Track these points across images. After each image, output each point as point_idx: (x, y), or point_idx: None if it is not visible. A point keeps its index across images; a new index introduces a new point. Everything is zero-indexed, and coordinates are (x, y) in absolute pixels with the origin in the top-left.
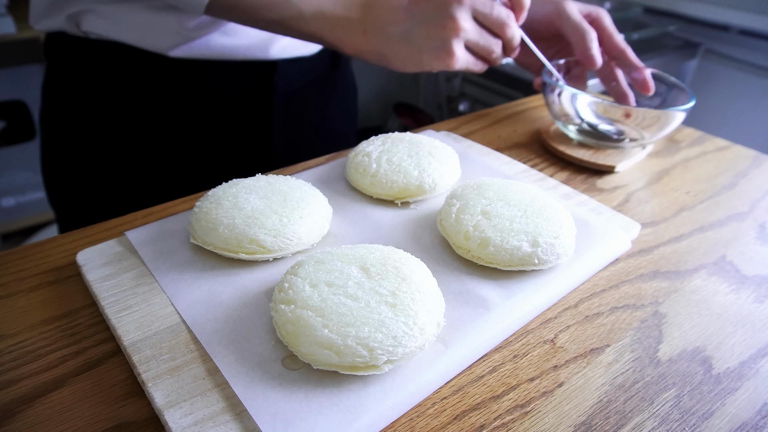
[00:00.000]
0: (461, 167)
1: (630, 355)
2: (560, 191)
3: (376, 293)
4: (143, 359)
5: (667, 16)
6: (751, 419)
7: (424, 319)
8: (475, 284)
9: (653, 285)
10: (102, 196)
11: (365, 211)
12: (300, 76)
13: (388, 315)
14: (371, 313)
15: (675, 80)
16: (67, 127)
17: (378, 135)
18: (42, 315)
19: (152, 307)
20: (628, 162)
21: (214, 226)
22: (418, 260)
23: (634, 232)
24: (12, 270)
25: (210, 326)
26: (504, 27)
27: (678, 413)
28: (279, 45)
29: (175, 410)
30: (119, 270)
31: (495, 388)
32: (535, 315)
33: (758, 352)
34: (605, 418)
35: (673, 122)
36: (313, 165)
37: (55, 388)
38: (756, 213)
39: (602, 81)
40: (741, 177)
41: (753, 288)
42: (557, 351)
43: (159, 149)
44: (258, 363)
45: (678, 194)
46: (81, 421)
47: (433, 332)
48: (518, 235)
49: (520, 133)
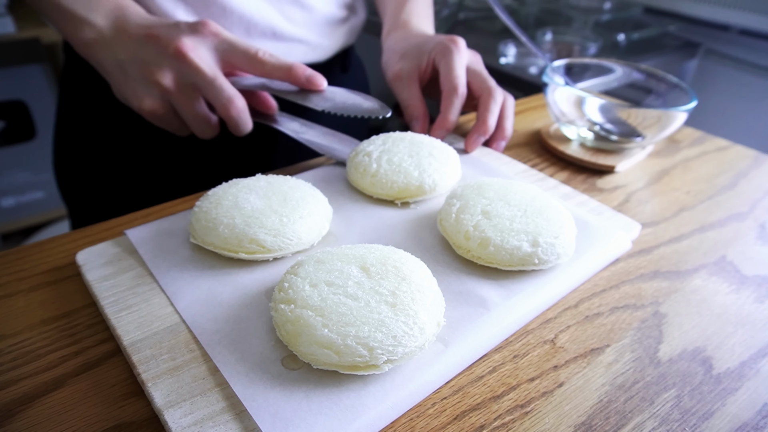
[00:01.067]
0: (461, 167)
1: (630, 355)
2: (560, 191)
3: (376, 293)
4: (143, 359)
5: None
6: (751, 419)
7: (424, 318)
8: (475, 284)
9: (653, 285)
10: (110, 192)
11: (365, 211)
12: None
13: (388, 315)
14: (371, 312)
15: (676, 80)
16: (80, 123)
17: (379, 135)
18: (42, 315)
19: (152, 306)
20: (628, 162)
21: (214, 225)
22: (418, 260)
23: (635, 232)
24: (12, 270)
25: (210, 326)
26: (227, 107)
27: (678, 413)
28: (282, 51)
29: (174, 410)
30: (119, 270)
31: (495, 388)
32: (536, 315)
33: (758, 352)
34: (605, 418)
35: (675, 122)
36: (314, 165)
37: (55, 388)
38: (756, 213)
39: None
40: (741, 177)
41: (753, 288)
42: (557, 351)
43: (161, 148)
44: (258, 363)
45: (678, 194)
46: (81, 421)
47: (433, 332)
48: (518, 235)
49: (520, 133)
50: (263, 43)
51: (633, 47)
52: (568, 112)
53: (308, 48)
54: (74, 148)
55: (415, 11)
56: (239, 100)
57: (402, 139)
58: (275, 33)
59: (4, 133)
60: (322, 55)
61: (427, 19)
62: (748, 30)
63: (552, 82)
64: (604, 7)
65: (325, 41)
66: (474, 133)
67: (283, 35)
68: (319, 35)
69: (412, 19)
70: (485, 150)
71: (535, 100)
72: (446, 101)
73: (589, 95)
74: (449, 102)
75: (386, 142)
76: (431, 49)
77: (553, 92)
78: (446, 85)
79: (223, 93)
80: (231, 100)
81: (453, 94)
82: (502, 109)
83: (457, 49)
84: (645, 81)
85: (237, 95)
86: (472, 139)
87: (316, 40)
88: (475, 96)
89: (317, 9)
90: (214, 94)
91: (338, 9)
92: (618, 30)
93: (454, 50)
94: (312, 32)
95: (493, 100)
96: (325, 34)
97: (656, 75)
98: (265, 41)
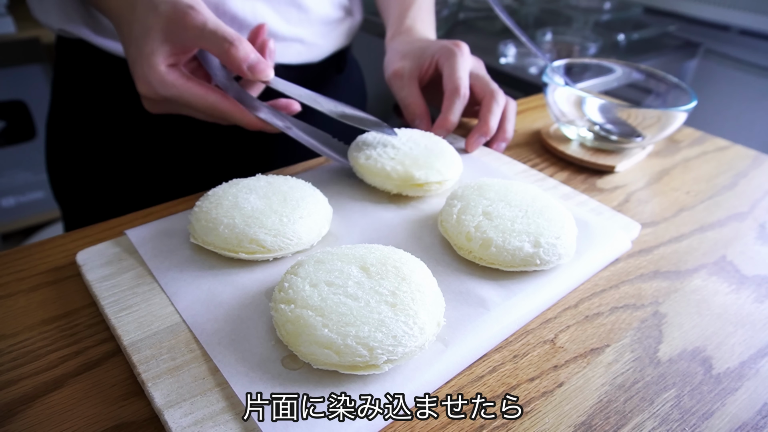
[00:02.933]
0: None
1: (630, 355)
2: (560, 191)
3: (376, 293)
4: (143, 359)
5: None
6: (751, 419)
7: (424, 318)
8: (475, 284)
9: (653, 285)
10: (105, 193)
11: (365, 211)
12: (302, 80)
13: (388, 314)
14: (371, 312)
15: (676, 80)
16: (73, 124)
17: None
18: (42, 315)
19: (152, 306)
20: (628, 162)
21: (214, 225)
22: (418, 260)
23: (634, 232)
24: (12, 270)
25: (210, 326)
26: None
27: (678, 413)
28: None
29: (175, 410)
30: (119, 270)
31: (495, 388)
32: (535, 315)
33: (758, 352)
34: (605, 418)
35: (675, 122)
36: (314, 165)
37: (55, 388)
38: (756, 213)
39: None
40: (741, 177)
41: (753, 288)
42: (557, 351)
43: (160, 148)
44: (258, 363)
45: (678, 194)
46: (81, 421)
47: (433, 332)
48: (520, 235)
49: (520, 133)
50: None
51: (633, 47)
52: (568, 112)
53: (303, 48)
54: (68, 150)
55: (419, 17)
56: (242, 42)
57: (405, 133)
58: (269, 32)
59: (4, 133)
60: (318, 55)
61: (430, 25)
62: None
63: (552, 82)
64: (604, 7)
65: (321, 41)
66: (475, 133)
67: (277, 34)
68: (314, 35)
69: (417, 24)
70: (485, 150)
71: (535, 100)
72: (448, 101)
73: (589, 95)
74: (451, 102)
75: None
76: (435, 51)
77: (553, 92)
78: (449, 85)
79: (218, 41)
80: (232, 43)
81: (455, 95)
82: (504, 112)
83: (461, 52)
84: (645, 81)
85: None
86: (473, 139)
87: (312, 40)
88: (477, 99)
89: (313, 9)
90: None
91: (335, 10)
92: (618, 30)
93: (458, 53)
94: (307, 32)
95: (496, 103)
96: (320, 35)
97: (656, 75)
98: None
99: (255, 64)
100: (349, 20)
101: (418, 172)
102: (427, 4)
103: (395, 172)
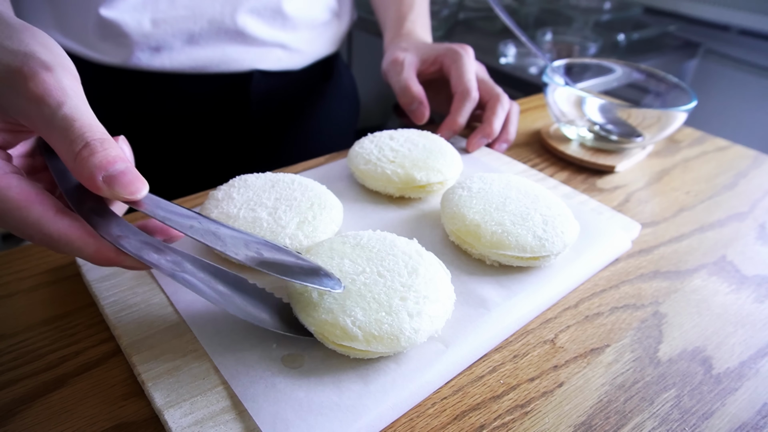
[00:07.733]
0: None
1: (630, 355)
2: (560, 191)
3: (388, 282)
4: (143, 359)
5: (667, 16)
6: (751, 419)
7: (433, 308)
8: (475, 284)
9: (653, 285)
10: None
11: (366, 211)
12: (285, 87)
13: (399, 303)
14: (386, 298)
15: (676, 80)
16: None
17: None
18: (42, 315)
19: (152, 307)
20: (628, 162)
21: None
22: (430, 253)
23: (635, 232)
24: (12, 270)
25: (210, 326)
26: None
27: (678, 413)
28: (252, 57)
29: (175, 410)
30: (119, 270)
31: (495, 388)
32: (536, 315)
33: (758, 352)
34: (605, 418)
35: (675, 122)
36: (314, 165)
37: (55, 388)
38: (756, 213)
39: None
40: (741, 177)
41: (753, 288)
42: (557, 351)
43: (159, 149)
44: (258, 362)
45: (678, 194)
46: (81, 421)
47: (441, 323)
48: (523, 229)
49: (520, 133)
50: (229, 47)
51: (633, 47)
52: (568, 112)
53: (283, 53)
54: None
55: (419, 22)
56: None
57: (405, 134)
58: (243, 35)
59: None
60: (300, 62)
61: (428, 31)
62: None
63: (552, 82)
64: (604, 7)
65: (305, 47)
66: (478, 133)
67: (255, 38)
68: (298, 41)
69: (416, 28)
70: (485, 150)
71: (535, 100)
72: (458, 103)
73: (589, 95)
74: (461, 104)
75: (393, 137)
76: (440, 52)
77: (553, 92)
78: (459, 87)
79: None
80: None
81: (466, 97)
82: (507, 115)
83: (468, 55)
84: (645, 81)
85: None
86: (475, 139)
87: (295, 46)
88: (482, 102)
89: (297, 12)
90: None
91: (321, 13)
92: (618, 30)
93: (465, 56)
94: (290, 37)
95: (501, 106)
96: (305, 40)
97: (656, 75)
98: (231, 44)
99: (118, 174)
100: (337, 24)
101: (419, 174)
102: (425, 9)
103: (396, 176)
